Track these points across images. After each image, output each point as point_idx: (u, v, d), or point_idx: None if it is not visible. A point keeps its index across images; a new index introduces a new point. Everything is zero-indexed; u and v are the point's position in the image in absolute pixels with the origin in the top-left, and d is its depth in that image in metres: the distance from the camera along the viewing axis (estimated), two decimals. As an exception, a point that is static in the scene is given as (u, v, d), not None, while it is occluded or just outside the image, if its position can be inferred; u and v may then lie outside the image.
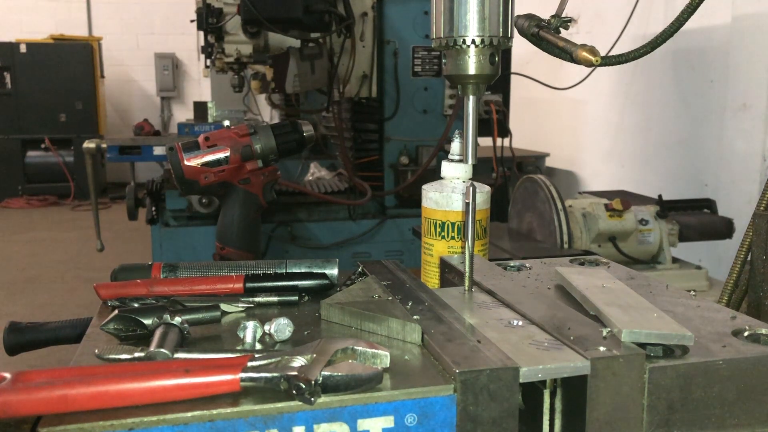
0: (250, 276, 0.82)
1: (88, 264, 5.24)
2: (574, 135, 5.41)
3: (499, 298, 0.77)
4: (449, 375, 0.57)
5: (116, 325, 0.68)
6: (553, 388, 0.63)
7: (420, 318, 0.67)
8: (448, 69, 0.72)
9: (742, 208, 3.04)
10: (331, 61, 2.76)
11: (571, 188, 5.18)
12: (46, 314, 4.12)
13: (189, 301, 0.75)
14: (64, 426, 0.50)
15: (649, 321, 0.65)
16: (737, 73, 3.36)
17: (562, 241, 1.92)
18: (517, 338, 0.64)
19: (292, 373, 0.53)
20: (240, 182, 1.55)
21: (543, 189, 2.01)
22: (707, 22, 3.57)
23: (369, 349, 0.59)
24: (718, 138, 3.53)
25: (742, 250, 0.99)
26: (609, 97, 4.74)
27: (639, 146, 4.49)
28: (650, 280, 0.85)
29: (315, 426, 0.53)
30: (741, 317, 0.72)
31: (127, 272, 0.85)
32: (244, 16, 2.51)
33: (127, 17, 8.95)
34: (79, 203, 7.79)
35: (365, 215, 2.86)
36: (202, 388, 0.53)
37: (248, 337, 0.67)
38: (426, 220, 1.09)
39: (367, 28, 2.79)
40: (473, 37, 0.69)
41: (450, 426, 0.56)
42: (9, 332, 0.87)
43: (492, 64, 0.71)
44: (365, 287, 0.77)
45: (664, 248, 2.13)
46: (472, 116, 0.72)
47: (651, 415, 0.60)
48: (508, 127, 3.03)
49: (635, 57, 0.82)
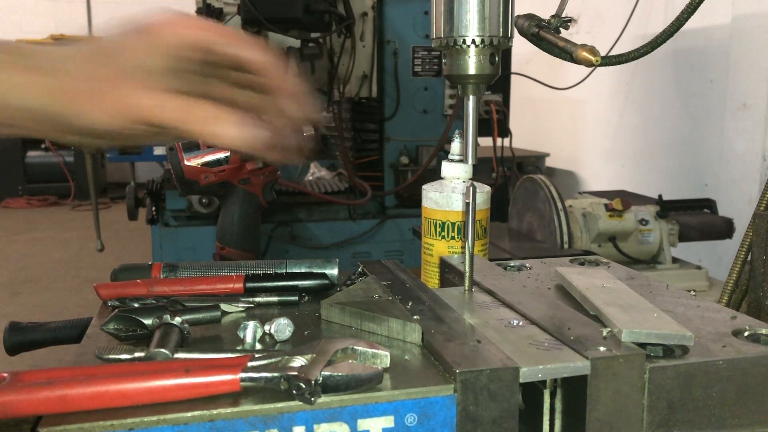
0: (250, 276, 0.82)
1: (88, 264, 5.24)
2: (574, 135, 5.41)
3: (499, 298, 0.77)
4: (449, 375, 0.57)
5: (116, 325, 0.68)
6: (553, 388, 0.63)
7: (420, 318, 0.67)
8: (448, 69, 0.72)
9: (742, 208, 3.04)
10: (331, 61, 2.76)
11: (571, 188, 5.18)
12: (46, 314, 4.11)
13: (189, 301, 0.75)
14: (64, 426, 0.50)
15: (649, 321, 0.65)
16: (737, 73, 3.36)
17: (562, 241, 1.92)
18: (517, 338, 0.64)
19: (292, 373, 0.53)
20: (240, 182, 1.55)
21: (543, 189, 2.01)
22: (707, 22, 3.57)
23: (369, 349, 0.59)
24: (718, 138, 3.53)
25: (742, 250, 0.99)
26: (609, 97, 4.74)
27: (639, 146, 4.49)
28: (650, 280, 0.85)
29: (315, 426, 0.54)
30: (741, 317, 0.72)
31: (127, 272, 0.85)
32: (244, 16, 2.51)
33: (127, 17, 8.93)
34: (79, 203, 7.79)
35: (365, 215, 2.86)
36: (202, 388, 0.53)
37: (248, 337, 0.67)
38: (426, 220, 1.09)
39: (367, 28, 2.80)
40: (473, 37, 0.69)
41: (450, 426, 0.56)
42: (9, 332, 0.87)
43: (492, 64, 0.71)
44: (365, 287, 0.77)
45: (664, 248, 2.13)
46: (472, 116, 0.72)
47: (651, 415, 0.60)
48: (508, 127, 3.03)
49: (635, 57, 0.82)
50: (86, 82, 0.65)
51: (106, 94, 0.65)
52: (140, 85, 0.65)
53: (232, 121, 0.66)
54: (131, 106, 0.65)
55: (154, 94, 0.65)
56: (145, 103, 0.65)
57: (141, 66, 0.66)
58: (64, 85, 0.65)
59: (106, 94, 0.65)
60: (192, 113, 0.66)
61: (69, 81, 0.65)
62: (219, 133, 0.66)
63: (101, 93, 0.65)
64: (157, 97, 0.65)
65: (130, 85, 0.65)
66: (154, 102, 0.65)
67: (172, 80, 0.67)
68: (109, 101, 0.65)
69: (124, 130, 0.66)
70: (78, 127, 0.66)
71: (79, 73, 0.65)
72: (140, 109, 0.65)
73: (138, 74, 0.66)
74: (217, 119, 0.66)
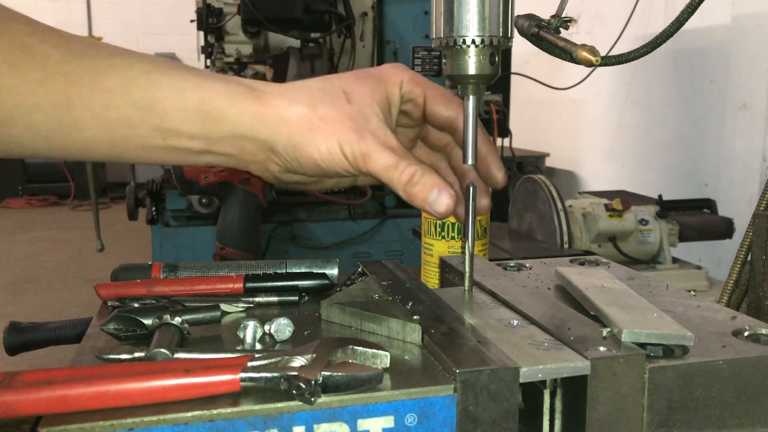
0: (250, 276, 0.82)
1: (88, 264, 5.24)
2: (574, 135, 5.42)
3: (499, 298, 0.77)
4: (449, 375, 0.57)
5: (116, 325, 0.68)
6: (553, 388, 0.63)
7: (420, 318, 0.67)
8: (448, 69, 0.72)
9: (742, 208, 3.04)
10: (331, 61, 2.76)
11: (571, 188, 5.19)
12: (46, 314, 4.12)
13: (189, 301, 0.75)
14: (64, 426, 0.50)
15: (650, 321, 0.65)
16: (737, 73, 3.36)
17: (562, 241, 1.92)
18: (517, 338, 0.64)
19: (292, 373, 0.53)
20: (240, 182, 1.55)
21: (543, 189, 2.01)
22: (707, 22, 3.57)
23: (369, 349, 0.59)
24: (718, 138, 3.54)
25: (742, 250, 0.99)
26: (609, 97, 4.74)
27: (639, 146, 4.50)
28: (650, 280, 0.85)
29: (315, 426, 0.53)
30: (741, 317, 0.72)
31: (127, 272, 0.85)
32: (244, 16, 2.51)
33: (127, 17, 8.95)
34: (79, 203, 7.79)
35: (365, 215, 2.86)
36: (202, 388, 0.53)
37: (248, 337, 0.67)
38: (426, 220, 1.09)
39: (367, 28, 2.80)
40: (473, 37, 0.69)
41: (450, 426, 0.56)
42: (9, 332, 0.87)
43: (492, 64, 0.71)
44: (365, 287, 0.77)
45: (664, 248, 2.13)
46: (472, 116, 0.72)
47: (651, 415, 0.60)
48: (508, 127, 3.03)
49: (635, 57, 0.81)
50: (312, 119, 0.65)
51: (324, 132, 0.65)
52: (359, 129, 0.65)
53: (451, 193, 0.66)
54: (346, 148, 0.65)
55: (372, 142, 0.65)
56: (362, 149, 0.65)
57: (362, 112, 0.66)
58: (291, 115, 0.65)
59: (324, 131, 0.65)
60: (412, 175, 0.65)
61: (295, 115, 0.65)
62: (436, 205, 0.66)
63: (320, 130, 0.65)
64: (374, 146, 0.65)
65: (350, 127, 0.65)
66: (371, 149, 0.65)
67: (388, 131, 0.67)
68: (326, 139, 0.65)
69: (329, 169, 0.66)
70: (288, 158, 0.67)
71: (305, 108, 0.66)
72: (354, 153, 0.65)
73: (359, 119, 0.66)
74: (438, 188, 0.66)
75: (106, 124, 0.63)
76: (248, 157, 0.68)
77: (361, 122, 0.66)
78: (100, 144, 0.64)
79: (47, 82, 0.60)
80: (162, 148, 0.65)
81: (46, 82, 0.60)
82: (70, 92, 0.61)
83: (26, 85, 0.60)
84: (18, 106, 0.60)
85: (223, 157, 0.68)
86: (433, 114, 0.74)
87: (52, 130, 0.62)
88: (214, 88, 0.65)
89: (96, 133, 0.63)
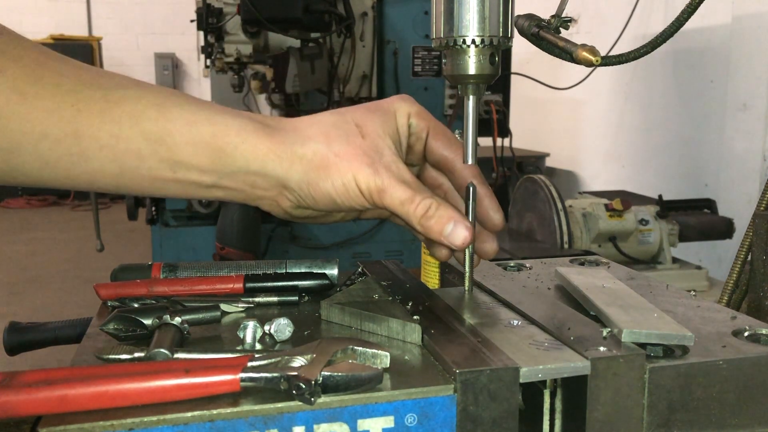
0: (250, 276, 0.81)
1: (88, 264, 5.24)
2: (574, 135, 5.42)
3: (499, 298, 0.77)
4: (449, 375, 0.57)
5: (116, 325, 0.68)
6: (553, 388, 0.63)
7: (420, 318, 0.67)
8: (447, 69, 0.72)
9: (742, 208, 3.04)
10: (331, 61, 2.76)
11: (571, 188, 5.18)
12: (46, 314, 4.12)
13: (189, 301, 0.75)
14: (64, 426, 0.50)
15: (650, 321, 0.65)
16: (737, 73, 3.36)
17: (562, 241, 1.92)
18: (517, 338, 0.64)
19: (292, 373, 0.53)
20: (240, 182, 1.55)
21: (543, 189, 2.01)
22: (707, 22, 3.57)
23: (369, 349, 0.59)
24: (718, 138, 3.54)
25: (742, 250, 0.99)
26: (609, 97, 4.74)
27: (639, 146, 4.50)
28: (650, 280, 0.85)
29: (315, 426, 0.53)
30: (741, 317, 0.72)
31: (127, 272, 0.85)
32: (244, 16, 2.51)
33: (126, 17, 8.95)
34: (79, 203, 7.79)
35: (365, 215, 2.86)
36: (202, 388, 0.53)
37: (248, 337, 0.66)
38: (426, 220, 1.09)
39: (367, 28, 2.80)
40: (473, 37, 0.69)
41: (450, 426, 0.56)
42: (9, 332, 0.87)
43: (492, 64, 0.71)
44: (365, 287, 0.77)
45: (664, 248, 2.13)
46: (472, 116, 0.72)
47: (651, 415, 0.60)
48: (508, 127, 3.04)
49: (635, 57, 0.81)
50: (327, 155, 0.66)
51: (340, 168, 0.66)
52: (374, 164, 0.66)
53: (467, 225, 0.66)
54: (362, 183, 0.65)
55: (387, 176, 0.65)
56: (377, 183, 0.65)
57: (376, 146, 0.67)
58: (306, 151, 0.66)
59: (340, 167, 0.66)
60: (427, 208, 0.66)
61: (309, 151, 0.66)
62: (453, 237, 0.66)
63: (336, 166, 0.65)
64: (389, 180, 0.65)
65: (365, 162, 0.66)
66: (387, 184, 0.65)
67: (401, 164, 0.68)
68: (342, 175, 0.65)
69: (344, 205, 0.67)
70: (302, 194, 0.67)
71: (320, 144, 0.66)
72: (370, 188, 0.65)
73: (373, 153, 0.66)
74: (454, 221, 0.66)
75: (114, 155, 0.62)
76: (259, 192, 0.67)
77: (375, 157, 0.66)
78: (107, 174, 0.64)
79: (57, 111, 0.60)
80: (170, 181, 0.65)
81: (55, 111, 0.60)
82: (79, 122, 0.60)
83: (35, 113, 0.59)
84: (26, 134, 0.60)
85: (233, 192, 0.67)
86: (431, 150, 0.74)
87: (59, 159, 0.61)
88: (226, 122, 0.65)
89: (104, 163, 0.63)
